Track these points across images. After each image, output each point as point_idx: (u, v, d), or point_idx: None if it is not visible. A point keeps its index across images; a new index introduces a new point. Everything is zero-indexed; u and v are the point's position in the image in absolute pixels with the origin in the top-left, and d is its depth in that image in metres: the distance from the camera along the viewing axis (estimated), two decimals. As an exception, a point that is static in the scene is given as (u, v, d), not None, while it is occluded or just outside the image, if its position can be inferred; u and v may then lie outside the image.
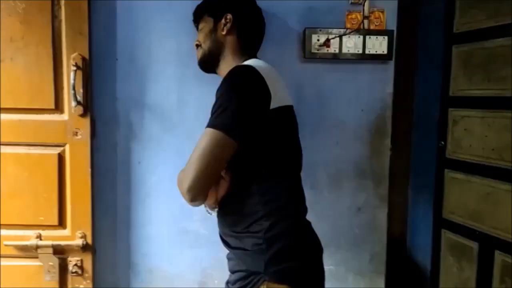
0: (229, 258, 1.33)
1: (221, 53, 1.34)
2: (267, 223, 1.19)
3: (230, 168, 1.21)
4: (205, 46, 1.35)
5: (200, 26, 1.38)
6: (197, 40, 1.40)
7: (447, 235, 2.43)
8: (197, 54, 1.40)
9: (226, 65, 1.32)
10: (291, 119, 1.30)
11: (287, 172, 1.28)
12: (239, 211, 1.24)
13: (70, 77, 1.60)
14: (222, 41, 1.34)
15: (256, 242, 1.20)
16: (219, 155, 1.14)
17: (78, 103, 1.62)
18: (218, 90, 1.19)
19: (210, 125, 1.14)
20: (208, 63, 1.38)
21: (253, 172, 1.22)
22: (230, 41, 1.34)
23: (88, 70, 1.64)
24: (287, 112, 1.27)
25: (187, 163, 1.16)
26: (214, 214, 1.33)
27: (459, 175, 2.33)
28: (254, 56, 1.38)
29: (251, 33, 1.39)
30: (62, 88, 1.65)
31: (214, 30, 1.34)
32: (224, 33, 1.32)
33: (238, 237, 1.25)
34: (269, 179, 1.23)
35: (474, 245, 2.24)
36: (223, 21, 1.33)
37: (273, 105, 1.18)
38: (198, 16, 1.42)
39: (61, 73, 1.65)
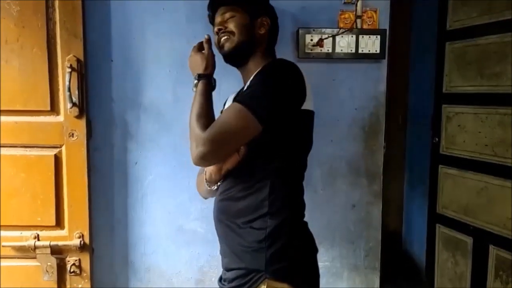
0: (224, 255, 1.34)
1: (254, 49, 1.36)
2: (272, 221, 1.21)
3: (249, 156, 1.22)
4: (241, 37, 1.33)
5: (230, 14, 1.35)
6: (223, 26, 1.35)
7: (441, 230, 2.46)
8: (226, 42, 1.35)
9: (254, 62, 1.35)
10: (312, 125, 1.33)
11: (298, 174, 1.32)
12: (244, 203, 1.25)
13: (65, 78, 1.61)
14: (257, 39, 1.36)
15: (257, 239, 1.21)
16: (241, 130, 1.16)
17: (74, 104, 1.63)
18: (257, 74, 1.23)
19: (242, 102, 1.16)
20: (240, 54, 1.36)
21: (268, 166, 1.24)
22: (263, 41, 1.37)
23: (83, 71, 1.64)
24: (312, 117, 1.31)
25: (209, 129, 1.17)
26: (212, 188, 1.34)
27: (453, 171, 2.36)
28: (275, 56, 1.43)
29: (276, 36, 1.45)
30: (57, 90, 1.66)
31: (251, 26, 1.34)
32: (262, 32, 1.36)
33: (235, 229, 1.26)
34: (281, 177, 1.25)
35: (469, 240, 2.27)
36: (259, 21, 1.35)
37: (305, 106, 1.23)
38: (225, 1, 1.38)
39: (56, 75, 1.65)
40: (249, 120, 1.14)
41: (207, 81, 1.33)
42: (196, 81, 1.34)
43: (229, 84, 1.56)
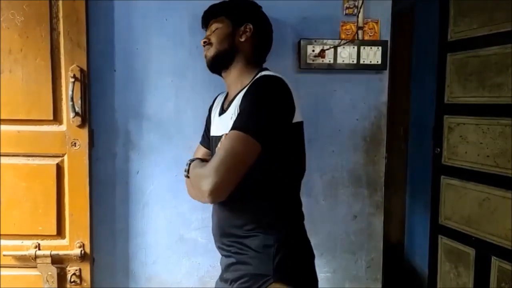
0: (228, 265, 1.35)
1: (234, 58, 1.37)
2: (279, 230, 1.26)
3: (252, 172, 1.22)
4: (220, 47, 1.36)
5: (215, 26, 1.39)
6: (207, 38, 1.39)
7: (443, 241, 2.45)
8: (207, 52, 1.40)
9: (237, 70, 1.36)
10: (303, 135, 1.34)
11: (296, 183, 1.35)
12: (248, 216, 1.28)
13: (68, 88, 1.62)
14: (238, 47, 1.36)
15: (266, 244, 1.24)
16: (244, 154, 1.16)
17: (76, 114, 1.63)
18: (246, 94, 1.23)
19: (238, 128, 1.17)
20: (219, 64, 1.39)
21: (270, 181, 1.26)
22: (245, 48, 1.37)
23: (86, 81, 1.65)
24: (301, 128, 1.32)
25: (210, 162, 1.18)
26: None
27: (455, 182, 2.35)
28: (262, 65, 1.43)
29: (264, 44, 1.45)
30: (60, 99, 1.67)
31: (232, 34, 1.36)
32: (242, 40, 1.36)
33: (240, 237, 1.28)
34: (286, 190, 1.30)
35: (471, 251, 2.26)
36: (242, 28, 1.36)
37: (295, 119, 1.24)
38: (213, 15, 1.42)
39: (60, 85, 1.66)
40: (249, 143, 1.15)
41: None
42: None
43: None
